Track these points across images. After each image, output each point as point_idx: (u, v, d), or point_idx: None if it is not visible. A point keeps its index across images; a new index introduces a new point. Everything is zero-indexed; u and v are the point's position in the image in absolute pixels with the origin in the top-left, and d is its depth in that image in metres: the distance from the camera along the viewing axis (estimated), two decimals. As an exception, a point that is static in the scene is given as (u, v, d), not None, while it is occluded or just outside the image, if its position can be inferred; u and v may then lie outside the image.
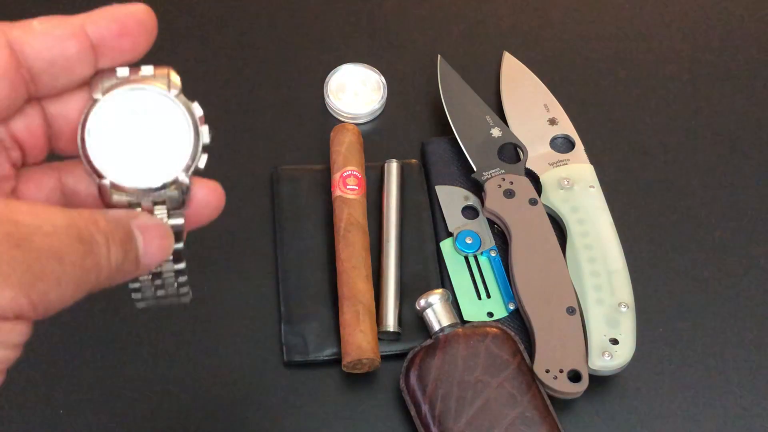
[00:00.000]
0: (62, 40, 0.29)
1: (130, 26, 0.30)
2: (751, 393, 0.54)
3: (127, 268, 0.30)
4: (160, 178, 0.30)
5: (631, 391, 0.54)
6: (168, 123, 0.30)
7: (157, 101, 0.30)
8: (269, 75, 0.66)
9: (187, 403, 0.53)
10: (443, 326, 0.52)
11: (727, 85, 0.67)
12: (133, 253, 0.30)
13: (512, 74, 0.66)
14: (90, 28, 0.30)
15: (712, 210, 0.61)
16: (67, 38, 0.29)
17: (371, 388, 0.54)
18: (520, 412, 0.49)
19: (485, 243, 0.58)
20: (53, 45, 0.29)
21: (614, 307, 0.53)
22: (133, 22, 0.30)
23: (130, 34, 0.30)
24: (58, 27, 0.29)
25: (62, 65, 0.30)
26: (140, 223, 0.30)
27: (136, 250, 0.30)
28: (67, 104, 0.31)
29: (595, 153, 0.61)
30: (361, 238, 0.56)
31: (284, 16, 0.70)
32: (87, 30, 0.30)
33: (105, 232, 0.28)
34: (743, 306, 0.57)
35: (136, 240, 0.30)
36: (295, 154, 0.62)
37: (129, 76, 0.31)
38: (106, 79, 0.30)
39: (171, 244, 0.31)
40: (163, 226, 0.31)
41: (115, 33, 0.30)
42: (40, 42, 0.29)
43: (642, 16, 0.71)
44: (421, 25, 0.70)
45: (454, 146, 0.61)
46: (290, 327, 0.54)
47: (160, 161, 0.30)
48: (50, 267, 0.26)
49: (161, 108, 0.30)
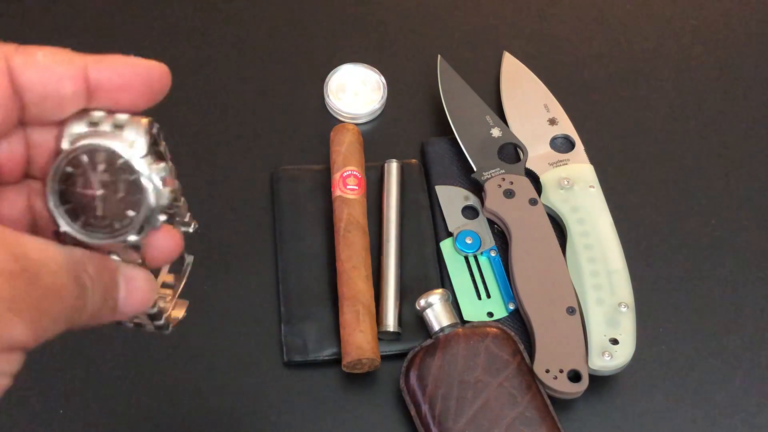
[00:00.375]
0: (61, 78, 0.29)
1: (134, 83, 0.30)
2: (752, 393, 0.54)
3: (103, 315, 0.30)
4: (113, 236, 0.30)
5: (631, 391, 0.54)
6: (127, 181, 0.30)
7: (120, 159, 0.30)
8: (269, 75, 0.66)
9: (187, 403, 0.53)
10: (443, 326, 0.52)
11: (728, 86, 0.67)
12: (113, 302, 0.30)
13: (512, 74, 0.66)
14: (92, 72, 0.29)
15: (712, 210, 0.61)
16: (67, 78, 0.29)
17: (371, 388, 0.54)
18: (520, 412, 0.49)
19: (485, 243, 0.58)
20: (50, 81, 0.29)
21: (614, 307, 0.53)
22: (139, 80, 0.30)
23: (131, 90, 0.30)
24: (61, 64, 0.29)
25: (54, 101, 0.29)
26: (127, 273, 0.31)
27: (115, 300, 0.30)
28: (50, 134, 0.31)
29: (595, 153, 0.61)
30: (361, 238, 0.56)
31: (284, 16, 0.70)
32: (89, 73, 0.29)
33: (92, 277, 0.29)
34: (743, 306, 0.57)
35: (118, 289, 0.31)
36: (295, 154, 0.62)
37: (101, 120, 0.30)
38: (77, 123, 0.30)
39: (153, 297, 0.32)
40: (150, 279, 0.31)
41: (115, 86, 0.30)
42: (39, 75, 0.29)
43: (642, 16, 0.71)
44: (421, 25, 0.70)
45: (454, 146, 0.61)
46: (290, 327, 0.54)
47: (116, 218, 0.30)
48: (53, 304, 0.27)
49: (122, 165, 0.30)
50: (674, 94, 0.67)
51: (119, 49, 0.31)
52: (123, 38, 0.68)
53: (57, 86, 0.29)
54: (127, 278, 0.31)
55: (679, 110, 0.66)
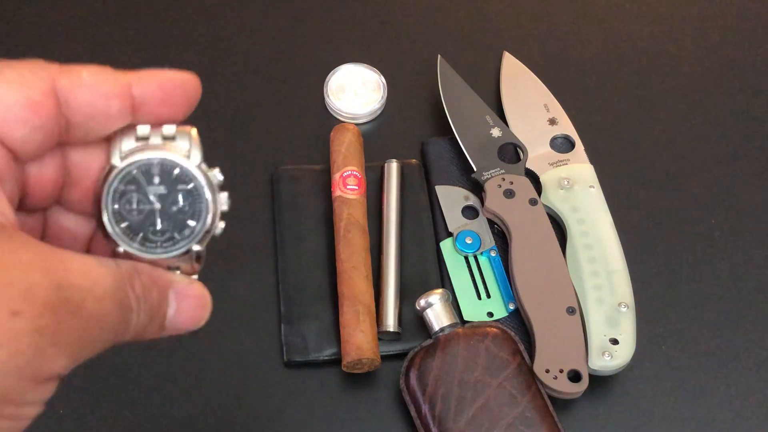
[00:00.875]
0: (108, 98, 0.29)
1: (175, 95, 0.30)
2: (752, 393, 0.54)
3: (149, 332, 0.29)
4: (174, 248, 0.30)
5: (631, 391, 0.54)
6: (185, 191, 0.30)
7: (176, 169, 0.30)
8: (269, 75, 0.66)
9: (186, 403, 0.53)
10: (443, 326, 0.52)
11: (729, 85, 0.67)
12: (160, 320, 0.30)
13: (512, 74, 0.66)
14: (136, 89, 0.29)
15: (712, 210, 0.61)
16: (113, 97, 0.29)
17: (371, 388, 0.54)
18: (520, 412, 0.49)
19: (485, 243, 0.58)
20: (98, 101, 0.29)
21: (614, 307, 0.53)
22: (179, 92, 0.30)
23: (173, 104, 0.30)
24: (107, 83, 0.29)
25: (101, 121, 0.29)
26: (180, 289, 0.30)
27: (163, 318, 0.30)
28: (92, 154, 0.31)
29: (595, 153, 0.61)
30: (361, 238, 0.56)
31: (284, 16, 0.70)
32: (133, 90, 0.29)
33: (139, 296, 0.28)
34: (743, 306, 0.57)
35: (168, 307, 0.30)
36: (295, 154, 0.62)
37: (150, 134, 0.30)
38: (126, 139, 0.30)
39: (205, 315, 0.31)
40: (203, 295, 0.31)
41: (158, 100, 0.30)
42: (86, 95, 0.28)
43: (642, 16, 0.71)
44: (421, 25, 0.70)
45: (454, 146, 0.61)
46: (290, 327, 0.54)
47: (176, 230, 0.30)
48: (95, 334, 0.26)
49: (179, 175, 0.30)
50: (674, 94, 0.67)
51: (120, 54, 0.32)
52: (123, 42, 0.68)
53: (105, 106, 0.29)
54: (180, 294, 0.30)
55: (679, 110, 0.66)
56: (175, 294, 0.30)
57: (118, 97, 0.29)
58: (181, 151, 0.30)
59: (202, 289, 0.31)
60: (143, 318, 0.28)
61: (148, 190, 0.30)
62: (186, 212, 0.30)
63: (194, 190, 0.30)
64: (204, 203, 0.30)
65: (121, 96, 0.29)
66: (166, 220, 0.30)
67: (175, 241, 0.30)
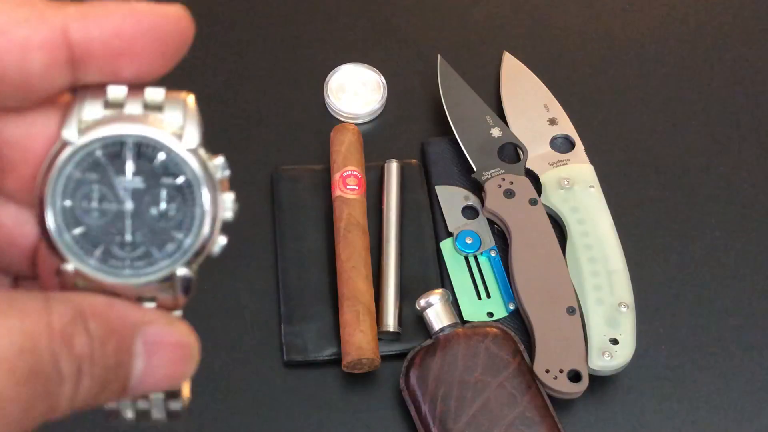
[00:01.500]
0: (24, 47, 0.19)
1: (140, 43, 0.20)
2: (751, 392, 0.54)
3: (101, 400, 0.21)
4: (150, 272, 0.21)
5: (631, 391, 0.54)
6: (172, 186, 0.21)
7: (160, 153, 0.21)
8: (269, 75, 0.66)
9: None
10: (443, 326, 0.52)
11: (729, 86, 0.67)
12: (119, 383, 0.20)
13: (512, 74, 0.66)
14: (76, 32, 0.19)
15: (713, 210, 0.61)
16: (34, 47, 0.19)
17: (371, 388, 0.54)
18: (520, 412, 0.49)
19: (485, 243, 0.58)
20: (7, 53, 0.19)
21: (614, 307, 0.53)
22: (148, 38, 0.20)
23: (137, 54, 0.20)
24: (25, 24, 0.19)
25: (16, 81, 0.19)
26: (152, 337, 0.21)
27: (125, 379, 0.20)
28: (31, 124, 0.20)
29: (595, 153, 0.61)
30: (361, 238, 0.56)
31: (284, 16, 0.70)
32: (71, 35, 0.19)
33: (80, 359, 0.19)
34: (743, 306, 0.57)
35: (132, 363, 0.20)
36: (295, 154, 0.62)
37: (125, 100, 0.21)
38: (89, 105, 0.20)
39: (190, 369, 0.23)
40: (187, 343, 0.22)
41: (113, 52, 0.19)
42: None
43: (642, 15, 0.71)
44: (421, 25, 0.70)
45: (454, 146, 0.61)
46: (290, 327, 0.54)
47: (154, 243, 0.21)
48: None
49: (165, 163, 0.21)
50: (675, 94, 0.67)
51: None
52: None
53: (19, 61, 0.19)
54: (152, 344, 0.21)
55: (679, 110, 0.66)
56: (144, 343, 0.21)
57: (42, 47, 0.19)
58: (169, 128, 0.21)
59: (186, 332, 0.22)
60: (89, 384, 0.19)
61: (117, 181, 0.21)
62: (171, 218, 0.21)
63: (186, 186, 0.21)
64: (198, 207, 0.21)
65: (47, 45, 0.19)
66: (140, 229, 0.21)
67: (151, 260, 0.21)
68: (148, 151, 0.21)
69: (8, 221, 0.21)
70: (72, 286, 0.21)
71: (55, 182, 0.20)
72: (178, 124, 0.21)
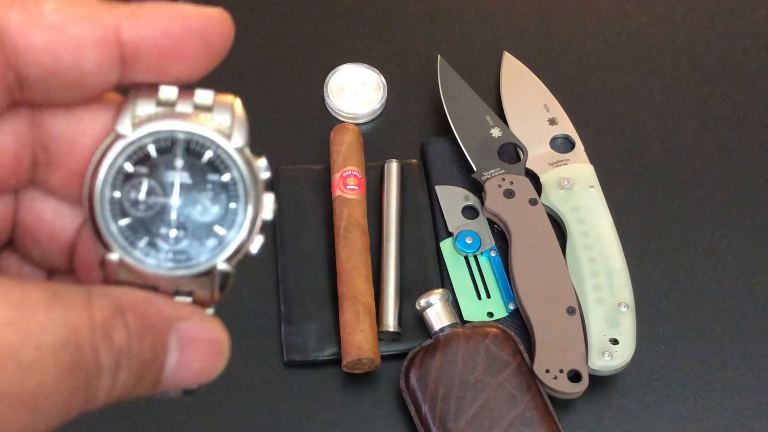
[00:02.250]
0: (79, 45, 0.19)
1: (188, 44, 0.21)
2: (751, 392, 0.54)
3: (136, 393, 0.21)
4: (192, 264, 0.22)
5: (631, 391, 0.54)
6: (218, 183, 0.22)
7: (208, 150, 0.22)
8: (269, 75, 0.66)
9: (186, 403, 0.53)
10: (443, 326, 0.52)
11: (729, 86, 0.67)
12: (153, 377, 0.21)
13: (512, 74, 0.66)
14: (128, 32, 0.20)
15: (713, 210, 0.61)
16: (88, 44, 0.19)
17: (371, 388, 0.54)
18: (520, 412, 0.49)
19: (485, 243, 0.58)
20: (63, 50, 0.19)
21: (614, 307, 0.53)
22: (195, 39, 0.21)
23: (184, 54, 0.21)
24: (80, 22, 0.19)
25: (69, 78, 0.20)
26: (186, 332, 0.21)
27: (159, 372, 0.21)
28: (79, 121, 0.21)
29: (595, 153, 0.61)
30: (361, 238, 0.56)
31: (284, 16, 0.70)
32: (123, 34, 0.20)
33: (118, 352, 0.19)
34: (743, 305, 0.57)
35: (166, 358, 0.21)
36: (295, 154, 0.62)
37: (177, 100, 0.22)
38: (142, 103, 0.21)
39: (220, 365, 0.23)
40: (219, 339, 0.23)
41: (162, 51, 0.20)
42: (45, 39, 0.19)
43: (642, 15, 0.71)
44: (421, 25, 0.70)
45: (454, 146, 0.61)
46: (290, 327, 0.54)
47: (197, 239, 0.22)
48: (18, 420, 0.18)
49: (213, 161, 0.22)
50: (675, 94, 0.67)
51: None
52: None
53: (73, 58, 0.19)
54: (186, 339, 0.21)
55: (679, 110, 0.66)
56: (178, 338, 0.21)
57: (96, 45, 0.19)
58: (218, 127, 0.22)
59: (218, 329, 0.23)
60: (126, 377, 0.20)
61: (165, 176, 0.21)
62: (215, 215, 0.22)
63: (231, 184, 0.22)
64: (242, 205, 0.22)
65: (101, 43, 0.20)
66: (184, 223, 0.22)
67: (193, 253, 0.22)
68: (197, 148, 0.22)
69: (49, 215, 0.22)
70: (114, 277, 0.22)
71: (105, 174, 0.21)
72: (226, 125, 0.22)
